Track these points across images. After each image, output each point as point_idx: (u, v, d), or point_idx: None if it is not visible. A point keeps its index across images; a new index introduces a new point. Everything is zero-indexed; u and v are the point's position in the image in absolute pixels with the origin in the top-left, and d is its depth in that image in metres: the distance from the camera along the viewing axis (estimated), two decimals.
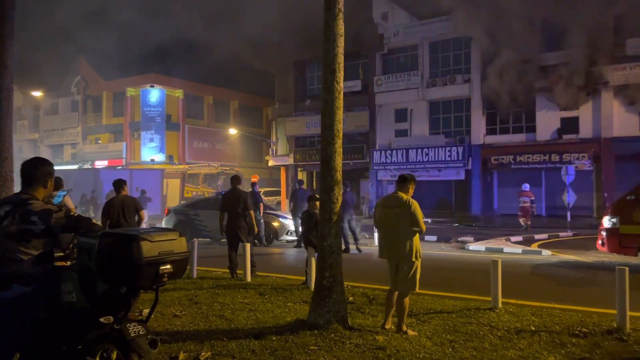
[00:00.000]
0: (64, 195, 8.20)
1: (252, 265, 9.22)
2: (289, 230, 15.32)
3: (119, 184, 8.31)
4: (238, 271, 9.29)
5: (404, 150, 28.30)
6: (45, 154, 42.40)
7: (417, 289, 5.70)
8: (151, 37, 35.72)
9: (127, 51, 36.58)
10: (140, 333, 3.58)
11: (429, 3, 26.58)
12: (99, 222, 7.06)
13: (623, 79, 22.98)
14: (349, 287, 7.58)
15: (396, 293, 5.65)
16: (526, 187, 20.72)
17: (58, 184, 7.95)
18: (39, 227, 3.42)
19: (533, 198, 20.57)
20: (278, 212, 17.78)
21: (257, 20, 34.31)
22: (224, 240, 9.80)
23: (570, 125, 24.67)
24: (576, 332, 5.51)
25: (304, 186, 16.10)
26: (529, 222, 20.21)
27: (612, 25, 23.22)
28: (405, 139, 29.13)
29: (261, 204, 14.85)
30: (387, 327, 5.64)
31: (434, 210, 26.05)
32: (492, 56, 24.96)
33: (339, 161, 5.86)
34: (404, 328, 5.51)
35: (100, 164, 38.78)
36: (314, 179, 32.59)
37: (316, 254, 6.33)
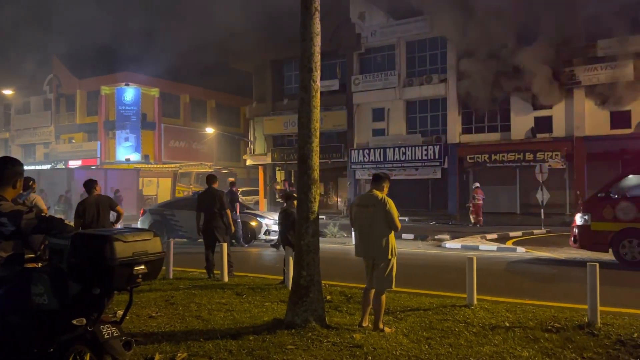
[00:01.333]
0: (30, 194, 8.00)
1: (230, 265, 9.17)
2: (267, 230, 15.26)
3: (90, 184, 8.17)
4: (215, 271, 9.22)
5: (382, 149, 28.45)
6: (16, 153, 41.46)
7: (393, 287, 5.74)
8: (126, 34, 35.27)
9: (100, 49, 36.03)
10: (114, 335, 3.52)
11: (406, 3, 26.77)
12: (72, 223, 6.94)
13: (595, 79, 23.49)
14: (327, 285, 7.58)
15: (372, 291, 5.68)
16: (478, 184, 22.68)
17: (27, 184, 7.78)
18: (9, 229, 3.34)
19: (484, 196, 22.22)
20: (256, 212, 17.72)
21: (234, 18, 34.13)
22: (201, 240, 9.72)
23: (543, 124, 25.13)
24: (549, 328, 5.61)
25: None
26: (481, 219, 21.78)
27: (583, 27, 23.71)
28: (383, 138, 29.29)
29: (237, 203, 14.76)
30: (364, 325, 5.67)
31: (410, 209, 26.26)
32: (467, 56, 25.27)
33: (316, 160, 5.86)
34: (381, 326, 5.54)
35: (74, 163, 38.08)
36: (292, 178, 32.53)
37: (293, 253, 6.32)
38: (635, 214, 10.54)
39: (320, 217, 6.17)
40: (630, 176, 11.17)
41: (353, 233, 6.00)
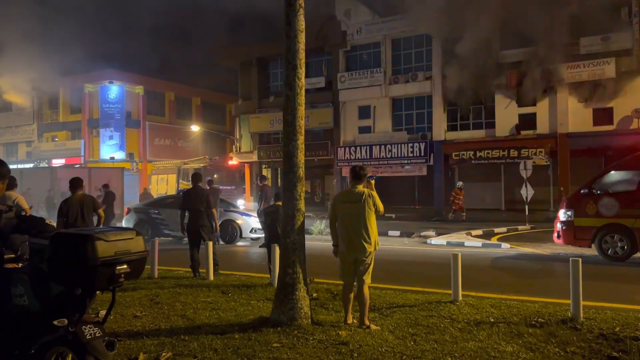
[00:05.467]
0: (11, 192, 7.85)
1: (215, 264, 9.12)
2: (252, 228, 15.21)
3: (76, 183, 8.07)
4: (201, 270, 9.18)
5: (368, 147, 28.51)
6: None
7: (370, 280, 5.73)
8: (110, 31, 34.89)
9: (84, 46, 35.64)
10: (97, 335, 3.48)
11: (391, 0, 26.83)
12: (54, 223, 6.84)
13: (577, 76, 23.75)
14: (313, 282, 7.57)
15: (354, 289, 5.69)
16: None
17: (12, 183, 7.65)
18: None
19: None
20: (242, 210, 17.65)
21: (219, 15, 33.94)
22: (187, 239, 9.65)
23: (528, 121, 25.36)
24: (533, 323, 5.67)
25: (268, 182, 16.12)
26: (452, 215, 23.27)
27: (566, 25, 23.95)
28: (369, 136, 29.35)
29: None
30: (349, 322, 5.67)
31: (397, 206, 26.35)
32: (452, 54, 25.40)
33: (301, 157, 5.85)
34: (367, 322, 5.55)
35: (58, 162, 37.62)
36: (279, 176, 32.47)
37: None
38: (618, 209, 10.69)
39: (306, 214, 6.15)
40: (612, 172, 11.33)
41: (330, 231, 5.97)
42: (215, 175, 26.00)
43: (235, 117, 36.34)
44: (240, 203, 21.10)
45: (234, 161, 29.38)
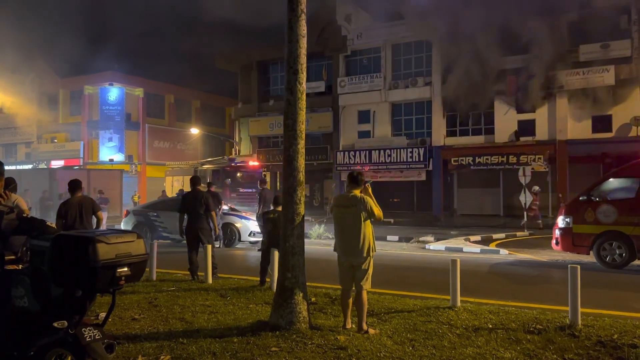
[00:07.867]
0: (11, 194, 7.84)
1: (214, 267, 9.12)
2: (251, 232, 15.20)
3: (75, 185, 8.07)
4: (199, 273, 9.17)
5: (367, 151, 28.55)
6: None
7: (370, 285, 5.73)
8: (110, 33, 34.95)
9: (84, 48, 35.74)
10: (96, 337, 3.49)
11: (392, 6, 26.90)
12: (53, 224, 6.83)
13: (577, 83, 23.83)
14: (312, 286, 7.58)
15: (353, 293, 5.69)
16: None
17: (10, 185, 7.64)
18: None
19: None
20: (241, 213, 17.61)
21: (220, 18, 34.04)
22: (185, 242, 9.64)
23: (527, 127, 25.42)
24: (531, 329, 5.67)
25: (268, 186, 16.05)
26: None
27: (566, 32, 24.06)
28: (368, 140, 29.39)
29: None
30: (348, 327, 5.67)
31: (395, 211, 26.35)
32: (451, 60, 25.48)
33: (301, 162, 5.87)
34: (365, 327, 5.55)
35: (57, 163, 37.61)
36: (278, 180, 32.48)
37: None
38: (616, 216, 10.72)
39: (305, 218, 6.16)
40: (611, 179, 11.36)
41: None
42: (238, 174, 25.78)
43: (234, 120, 36.37)
44: None
45: (255, 162, 28.51)
